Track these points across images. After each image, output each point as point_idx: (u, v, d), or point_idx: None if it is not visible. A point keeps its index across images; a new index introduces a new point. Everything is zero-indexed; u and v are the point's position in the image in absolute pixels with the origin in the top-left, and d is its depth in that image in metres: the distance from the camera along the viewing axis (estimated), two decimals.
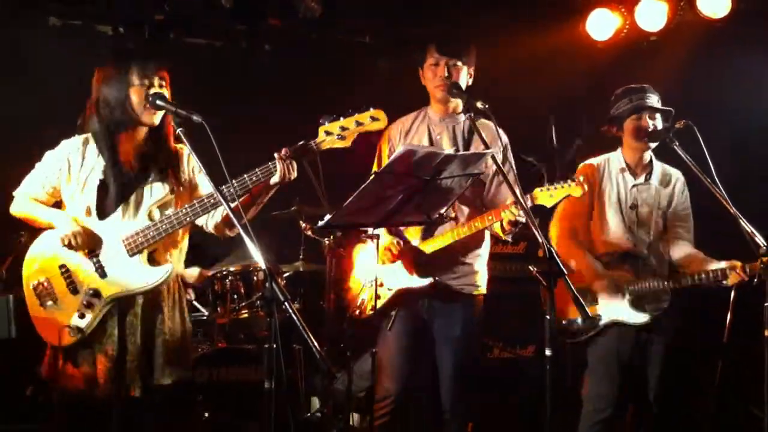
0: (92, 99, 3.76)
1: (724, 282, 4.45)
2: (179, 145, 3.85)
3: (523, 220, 4.01)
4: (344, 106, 3.63)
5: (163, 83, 3.71)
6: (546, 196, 4.11)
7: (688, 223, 4.80)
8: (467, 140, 4.38)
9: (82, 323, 3.63)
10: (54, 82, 5.72)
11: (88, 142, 3.80)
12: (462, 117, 4.40)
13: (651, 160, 4.77)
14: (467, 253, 4.37)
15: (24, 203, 3.84)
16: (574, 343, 4.71)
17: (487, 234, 4.43)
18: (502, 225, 4.13)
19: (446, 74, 4.29)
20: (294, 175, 3.60)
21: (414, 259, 4.29)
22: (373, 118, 3.54)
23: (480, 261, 4.44)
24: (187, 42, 6.66)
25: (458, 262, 4.36)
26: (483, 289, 4.48)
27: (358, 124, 3.53)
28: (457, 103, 4.41)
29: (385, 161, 4.28)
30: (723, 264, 4.47)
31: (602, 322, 4.62)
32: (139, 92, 3.67)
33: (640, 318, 4.59)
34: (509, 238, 4.30)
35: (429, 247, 4.31)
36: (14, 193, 3.89)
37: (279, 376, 3.02)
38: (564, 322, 4.67)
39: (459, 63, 4.32)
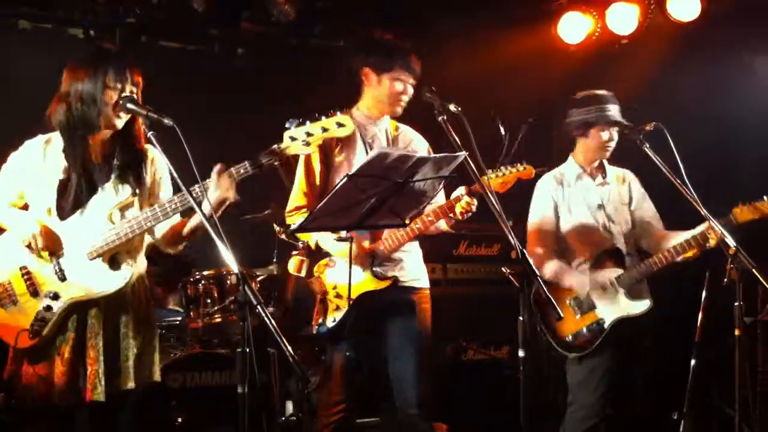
0: (62, 92, 3.68)
1: (707, 245, 4.45)
2: (147, 146, 3.79)
3: (474, 209, 4.06)
4: (318, 110, 3.60)
5: (135, 88, 3.67)
6: (497, 181, 4.12)
7: (654, 213, 4.85)
8: (393, 142, 4.42)
9: (41, 326, 3.59)
10: (24, 85, 5.67)
11: (50, 142, 3.74)
12: (385, 121, 4.43)
13: (602, 162, 4.83)
14: (407, 249, 4.37)
15: None
16: (585, 355, 4.60)
17: None
18: (455, 215, 4.13)
19: (408, 93, 4.32)
20: (231, 195, 3.49)
21: (367, 262, 4.26)
22: (339, 124, 3.45)
23: (419, 255, 4.46)
24: (159, 45, 6.63)
25: (403, 259, 4.36)
26: (427, 283, 4.48)
27: (324, 130, 3.46)
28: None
29: (318, 166, 4.28)
30: (700, 228, 4.49)
31: (607, 324, 4.59)
32: (112, 95, 3.61)
33: (642, 306, 4.58)
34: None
35: (383, 247, 4.29)
36: None
37: (252, 380, 3.01)
38: (569, 338, 4.63)
39: (414, 83, 4.34)
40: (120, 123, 3.67)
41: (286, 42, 6.67)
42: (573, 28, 6.50)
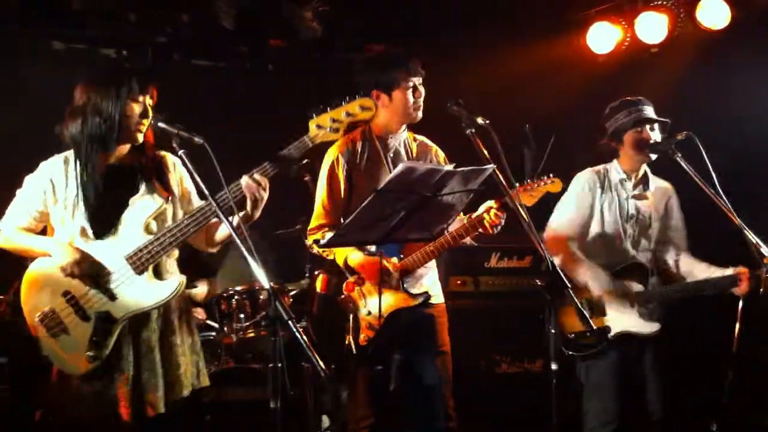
0: (76, 106, 3.67)
1: (734, 290, 4.43)
2: (161, 152, 3.81)
3: (503, 222, 4.05)
4: None
5: (151, 102, 3.69)
6: (525, 195, 4.13)
7: (684, 233, 4.83)
8: (411, 153, 4.43)
9: (99, 349, 3.55)
10: (58, 105, 5.75)
11: (68, 161, 3.72)
12: (404, 133, 4.44)
13: (646, 171, 4.80)
14: (428, 264, 4.37)
15: (13, 235, 3.73)
16: (585, 357, 4.68)
17: None
18: (485, 228, 4.12)
19: (420, 94, 4.33)
20: (263, 194, 3.56)
21: (396, 281, 4.25)
22: (363, 107, 3.52)
23: (436, 271, 4.47)
24: (190, 63, 6.71)
25: (424, 275, 4.37)
26: (443, 298, 4.50)
27: (349, 114, 3.52)
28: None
29: (342, 183, 4.29)
30: (730, 271, 4.46)
31: (611, 334, 4.61)
32: (135, 108, 3.63)
33: (651, 327, 4.59)
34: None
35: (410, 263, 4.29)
36: None
37: (284, 395, 3.02)
38: (571, 336, 4.67)
39: (421, 80, 4.36)
40: (141, 137, 3.70)
41: (314, 58, 6.71)
42: (602, 37, 6.48)
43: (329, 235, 3.75)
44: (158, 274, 3.69)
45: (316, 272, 4.45)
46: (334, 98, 3.54)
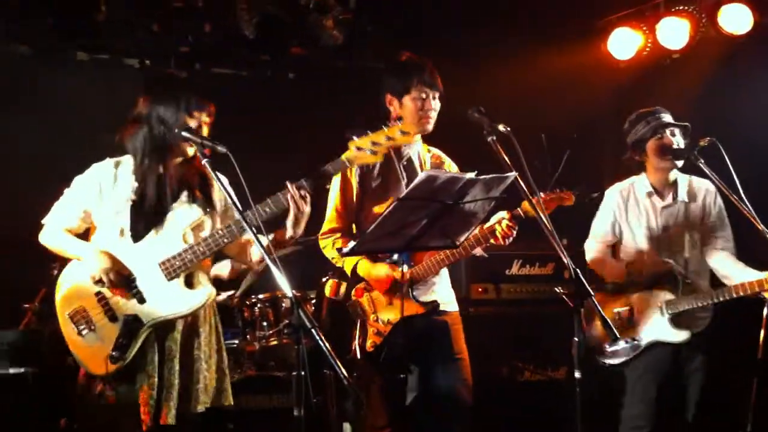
0: (139, 115, 3.75)
1: (764, 294, 4.40)
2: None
3: (515, 233, 4.04)
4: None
5: (209, 119, 3.77)
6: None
7: (724, 233, 4.76)
8: (425, 166, 4.41)
9: (123, 351, 3.59)
10: (82, 114, 5.81)
11: (120, 165, 3.80)
12: (418, 143, 4.42)
13: (676, 180, 4.77)
14: (440, 273, 4.35)
15: (54, 234, 3.80)
16: (616, 365, 4.69)
17: None
18: (497, 239, 4.10)
19: (432, 106, 4.29)
20: (305, 208, 3.60)
21: (406, 289, 4.24)
22: (403, 132, 3.52)
23: (448, 279, 4.44)
24: (212, 72, 6.75)
25: (436, 283, 4.35)
26: (457, 306, 4.45)
27: (389, 138, 3.52)
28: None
29: (355, 189, 4.30)
30: (762, 275, 4.42)
31: (643, 343, 4.60)
32: (193, 123, 3.69)
33: (681, 336, 4.56)
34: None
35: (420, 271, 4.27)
36: (44, 221, 3.84)
37: (307, 402, 3.03)
38: (606, 345, 4.67)
39: (438, 94, 4.33)
40: (191, 151, 3.75)
41: (335, 65, 6.74)
42: (623, 43, 6.47)
43: (351, 243, 3.74)
44: (189, 284, 3.73)
45: (324, 278, 4.45)
46: (353, 105, 3.55)
